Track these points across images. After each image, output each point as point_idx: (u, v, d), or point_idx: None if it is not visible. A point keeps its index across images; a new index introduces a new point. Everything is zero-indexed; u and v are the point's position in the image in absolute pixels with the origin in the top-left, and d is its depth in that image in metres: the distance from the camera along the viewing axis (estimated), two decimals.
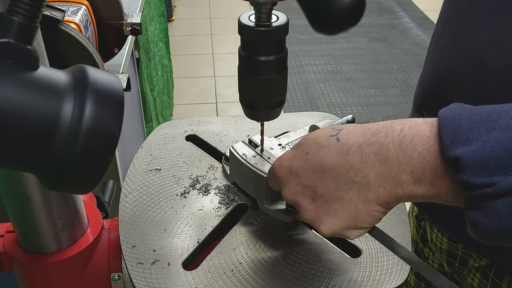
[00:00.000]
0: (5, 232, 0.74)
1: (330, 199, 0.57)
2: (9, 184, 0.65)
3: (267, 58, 0.64)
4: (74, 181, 0.44)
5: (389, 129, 0.54)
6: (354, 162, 0.55)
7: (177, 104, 3.28)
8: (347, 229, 0.58)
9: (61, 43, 1.15)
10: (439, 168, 0.50)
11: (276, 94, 0.68)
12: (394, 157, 0.53)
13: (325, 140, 0.58)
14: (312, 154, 0.58)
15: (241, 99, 0.70)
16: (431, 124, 0.52)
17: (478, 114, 0.49)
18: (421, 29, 4.37)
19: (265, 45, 0.63)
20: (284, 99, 0.70)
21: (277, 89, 0.68)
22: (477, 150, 0.47)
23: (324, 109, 3.29)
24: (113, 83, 0.45)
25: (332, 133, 0.58)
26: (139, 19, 1.47)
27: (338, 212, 0.57)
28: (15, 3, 0.40)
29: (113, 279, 0.75)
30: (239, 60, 0.67)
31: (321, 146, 0.58)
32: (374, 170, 0.54)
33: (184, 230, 0.74)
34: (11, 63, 0.41)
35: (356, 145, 0.55)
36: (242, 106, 0.71)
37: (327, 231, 0.59)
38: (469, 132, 0.48)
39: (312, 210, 0.59)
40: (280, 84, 0.67)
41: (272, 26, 0.62)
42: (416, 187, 0.52)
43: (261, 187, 0.75)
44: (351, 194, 0.56)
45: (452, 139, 0.48)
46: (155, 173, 0.84)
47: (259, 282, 0.66)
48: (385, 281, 0.67)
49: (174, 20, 4.49)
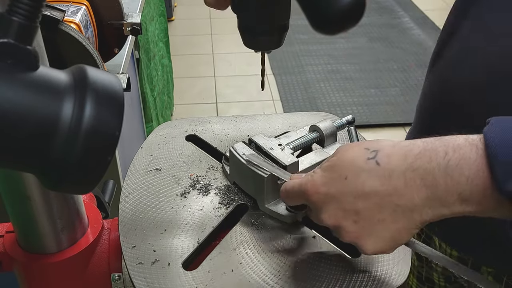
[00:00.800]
0: (5, 232, 0.74)
1: (373, 222, 0.57)
2: (9, 184, 0.65)
3: None
4: (74, 181, 0.44)
5: (433, 153, 0.53)
6: (398, 187, 0.55)
7: (177, 104, 3.28)
8: (389, 248, 0.59)
9: (61, 43, 1.15)
10: (488, 190, 0.50)
11: (278, 16, 0.63)
12: (441, 182, 0.52)
13: (364, 163, 0.57)
14: (352, 178, 0.57)
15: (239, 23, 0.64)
16: (476, 146, 0.51)
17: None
18: (421, 29, 4.37)
19: None
20: (287, 25, 0.64)
21: (279, 9, 0.62)
22: None
23: (324, 109, 3.29)
24: (113, 83, 0.45)
25: (369, 156, 0.57)
26: (139, 19, 1.47)
27: (380, 233, 0.57)
28: (15, 3, 0.40)
29: (113, 279, 0.75)
30: None
31: (361, 170, 0.57)
32: (420, 194, 0.54)
33: (184, 230, 0.74)
34: (11, 63, 0.41)
35: (399, 170, 0.55)
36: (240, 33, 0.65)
37: (370, 251, 0.59)
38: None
39: (354, 231, 0.58)
40: (282, 4, 0.62)
41: None
42: (463, 206, 0.52)
43: (261, 187, 0.75)
44: (394, 216, 0.56)
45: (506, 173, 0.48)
46: (155, 173, 0.84)
47: (260, 282, 0.66)
48: (385, 281, 0.67)
49: (174, 20, 4.49)
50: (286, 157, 0.77)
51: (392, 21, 4.53)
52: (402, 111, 3.28)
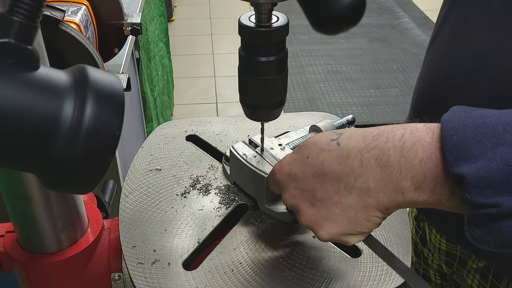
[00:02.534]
0: (6, 232, 0.74)
1: (329, 204, 0.57)
2: (9, 184, 0.65)
3: (267, 59, 0.64)
4: (74, 181, 0.44)
5: (390, 134, 0.53)
6: (354, 167, 0.54)
7: (177, 104, 3.28)
8: (346, 234, 0.58)
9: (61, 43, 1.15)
10: (440, 175, 0.50)
11: (276, 94, 0.68)
12: (395, 163, 0.52)
13: (326, 144, 0.58)
14: (312, 158, 0.58)
15: (242, 99, 0.70)
16: (432, 130, 0.51)
17: (483, 126, 0.47)
18: (421, 29, 4.37)
19: (265, 46, 0.63)
20: (285, 99, 0.70)
21: (277, 89, 0.68)
22: (482, 169, 0.46)
23: (324, 109, 3.29)
24: (113, 83, 0.45)
25: (332, 137, 0.58)
26: (139, 19, 1.47)
27: (337, 217, 0.57)
28: (15, 3, 0.40)
29: (113, 279, 0.75)
30: (239, 60, 0.67)
31: (322, 150, 0.57)
32: (374, 175, 0.53)
33: (184, 230, 0.74)
34: (11, 63, 0.41)
35: (356, 149, 0.55)
36: (242, 107, 0.71)
37: (325, 236, 0.58)
38: (474, 147, 0.46)
39: (311, 214, 0.59)
40: (280, 84, 0.67)
41: (272, 26, 0.62)
42: (417, 193, 0.52)
43: (261, 187, 0.75)
44: (350, 199, 0.55)
45: (456, 154, 0.47)
46: (155, 173, 0.84)
47: (259, 282, 0.66)
48: (385, 281, 0.67)
49: (174, 20, 4.49)
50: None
51: (392, 21, 4.53)
52: (402, 111, 3.28)
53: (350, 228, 0.57)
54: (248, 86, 0.68)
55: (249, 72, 0.66)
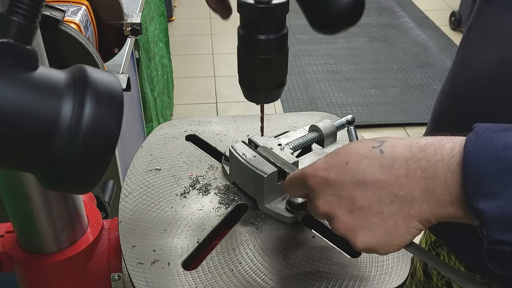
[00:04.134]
0: (5, 232, 0.74)
1: (369, 212, 0.55)
2: (9, 185, 0.65)
3: (267, 37, 0.62)
4: (74, 181, 0.44)
5: (438, 146, 0.52)
6: (399, 176, 0.53)
7: (177, 104, 3.28)
8: (382, 245, 0.56)
9: (61, 43, 1.15)
10: None
11: (276, 74, 0.66)
12: (442, 177, 0.51)
13: (368, 151, 0.55)
14: (353, 165, 0.56)
15: (240, 79, 0.68)
16: None
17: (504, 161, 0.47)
18: (421, 29, 4.36)
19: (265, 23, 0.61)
20: (285, 80, 0.68)
21: (277, 69, 0.65)
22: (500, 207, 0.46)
23: (324, 109, 3.29)
24: (112, 83, 0.45)
25: (374, 145, 0.56)
26: (139, 19, 1.47)
27: (375, 226, 0.55)
28: (14, 3, 0.40)
29: (113, 279, 0.75)
30: (238, 39, 0.65)
31: (363, 157, 0.55)
32: (420, 186, 0.52)
33: (184, 230, 0.74)
34: (10, 63, 0.41)
35: (402, 159, 0.53)
36: (241, 88, 0.69)
37: (361, 244, 0.56)
38: (493, 183, 0.46)
39: (347, 222, 0.56)
40: (280, 64, 0.65)
41: (272, 3, 0.60)
42: (459, 209, 0.51)
43: (261, 187, 0.75)
44: (392, 208, 0.54)
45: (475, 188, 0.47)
46: (155, 173, 0.84)
47: (259, 282, 0.66)
48: (385, 281, 0.67)
49: (174, 20, 4.49)
50: (286, 157, 0.77)
51: (392, 21, 4.53)
52: (402, 111, 3.28)
53: (387, 239, 0.55)
54: (247, 66, 0.66)
55: (248, 51, 0.64)
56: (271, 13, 0.61)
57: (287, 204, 0.75)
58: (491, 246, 0.47)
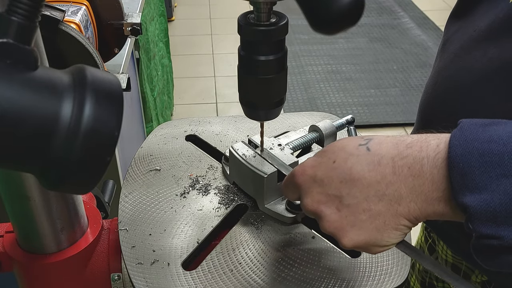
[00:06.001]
0: (5, 232, 0.74)
1: (357, 210, 0.54)
2: (9, 184, 0.65)
3: (266, 58, 0.64)
4: (73, 181, 0.44)
5: (424, 143, 0.52)
6: (386, 174, 0.53)
7: (177, 104, 3.28)
8: (372, 243, 0.56)
9: (61, 43, 1.15)
10: None
11: (276, 93, 0.68)
12: (428, 173, 0.51)
13: (354, 148, 0.56)
14: (340, 162, 0.56)
15: (241, 98, 0.70)
16: None
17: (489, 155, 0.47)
18: (421, 29, 4.36)
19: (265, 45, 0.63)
20: (284, 98, 0.70)
21: (277, 88, 0.68)
22: (485, 201, 0.46)
23: (324, 109, 3.29)
24: (112, 83, 0.45)
25: (361, 142, 0.56)
26: (139, 19, 1.47)
27: (364, 224, 0.55)
28: (14, 3, 0.40)
29: (112, 279, 0.75)
30: (239, 59, 0.67)
31: (350, 155, 0.55)
32: (407, 184, 0.52)
33: (183, 230, 0.74)
34: (10, 63, 0.41)
35: (388, 156, 0.53)
36: (241, 106, 0.71)
37: (350, 243, 0.56)
38: (478, 177, 0.46)
39: (335, 220, 0.56)
40: (279, 83, 0.67)
41: (272, 25, 0.62)
42: (447, 206, 0.51)
43: (261, 187, 0.75)
44: (380, 206, 0.53)
45: (460, 183, 0.47)
46: (155, 173, 0.84)
47: (259, 282, 0.66)
48: (385, 281, 0.67)
49: (174, 20, 4.49)
50: (286, 157, 0.77)
51: (392, 21, 4.53)
52: (402, 111, 3.28)
53: (377, 237, 0.55)
54: (247, 85, 0.68)
55: (248, 71, 0.66)
56: (271, 35, 0.62)
57: (287, 204, 0.75)
58: (478, 241, 0.47)
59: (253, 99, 0.69)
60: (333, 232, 0.57)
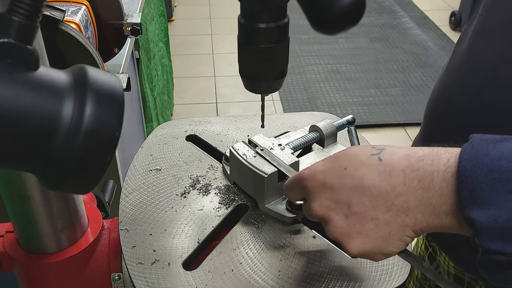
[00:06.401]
0: (5, 232, 0.74)
1: (364, 219, 0.55)
2: (9, 184, 0.65)
3: (267, 25, 0.61)
4: (74, 181, 0.44)
5: (435, 157, 0.53)
6: (396, 185, 0.53)
7: (177, 104, 3.28)
8: (376, 252, 0.56)
9: (61, 43, 1.15)
10: None
11: (277, 64, 0.65)
12: (437, 187, 0.51)
13: (366, 158, 0.56)
14: (351, 170, 0.56)
15: (241, 70, 0.67)
16: None
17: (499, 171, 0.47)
18: (421, 29, 4.36)
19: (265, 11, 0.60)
20: (286, 70, 0.67)
21: (278, 59, 0.65)
22: (492, 217, 0.46)
23: (324, 109, 3.29)
24: (113, 83, 0.45)
25: (373, 152, 0.56)
26: (139, 19, 1.47)
27: (370, 232, 0.55)
28: (15, 3, 0.40)
29: (113, 279, 0.75)
30: (239, 29, 0.64)
31: (362, 164, 0.56)
32: (416, 196, 0.53)
33: (184, 230, 0.74)
34: (11, 63, 0.41)
35: (399, 168, 0.54)
36: (241, 78, 0.68)
37: (355, 250, 0.57)
38: (487, 193, 0.47)
39: (343, 227, 0.57)
40: (281, 53, 0.65)
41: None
42: (454, 220, 0.51)
43: (261, 187, 0.75)
44: (387, 216, 0.54)
45: (469, 197, 0.48)
46: (155, 173, 0.84)
47: (259, 282, 0.66)
48: (385, 281, 0.67)
49: (174, 20, 4.49)
50: (286, 157, 0.77)
51: (392, 21, 4.53)
52: (402, 111, 3.28)
53: (381, 245, 0.56)
54: (247, 56, 0.65)
55: (248, 41, 0.64)
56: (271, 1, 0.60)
57: (287, 204, 0.75)
58: (484, 256, 0.48)
59: (254, 71, 0.66)
60: (339, 237, 0.58)
